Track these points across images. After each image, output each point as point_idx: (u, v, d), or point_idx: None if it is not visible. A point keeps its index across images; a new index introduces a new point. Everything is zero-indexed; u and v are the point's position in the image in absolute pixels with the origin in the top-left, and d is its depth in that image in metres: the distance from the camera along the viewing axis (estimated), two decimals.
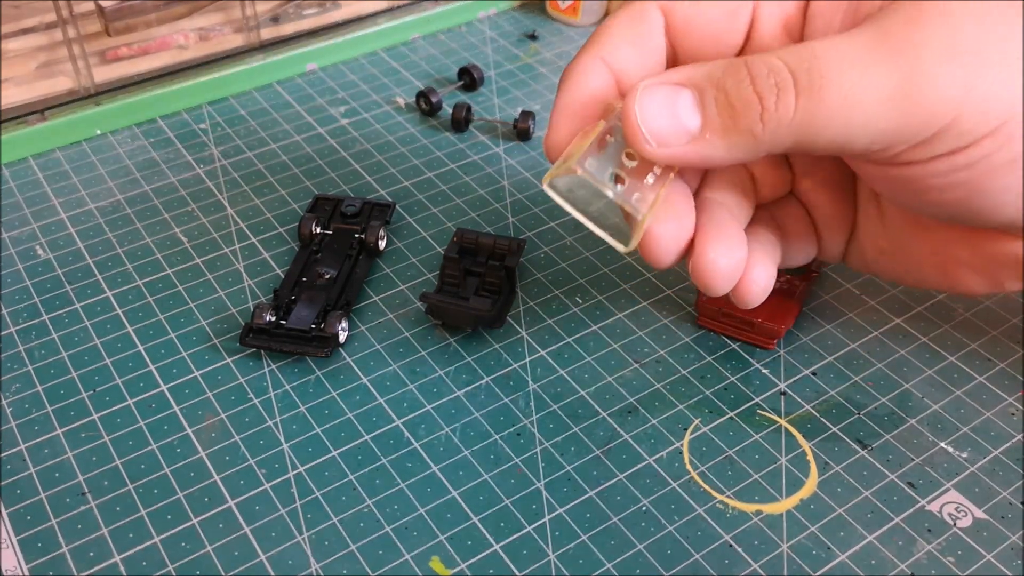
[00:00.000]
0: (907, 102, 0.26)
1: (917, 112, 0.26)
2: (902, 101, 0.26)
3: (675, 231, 0.30)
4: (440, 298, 0.40)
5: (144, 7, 0.51)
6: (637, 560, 0.33)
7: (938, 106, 0.26)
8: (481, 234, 0.42)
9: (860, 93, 0.26)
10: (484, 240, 0.42)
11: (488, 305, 0.40)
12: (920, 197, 0.30)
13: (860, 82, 0.26)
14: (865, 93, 0.26)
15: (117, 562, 0.33)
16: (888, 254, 0.35)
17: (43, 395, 0.38)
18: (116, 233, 0.45)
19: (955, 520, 0.34)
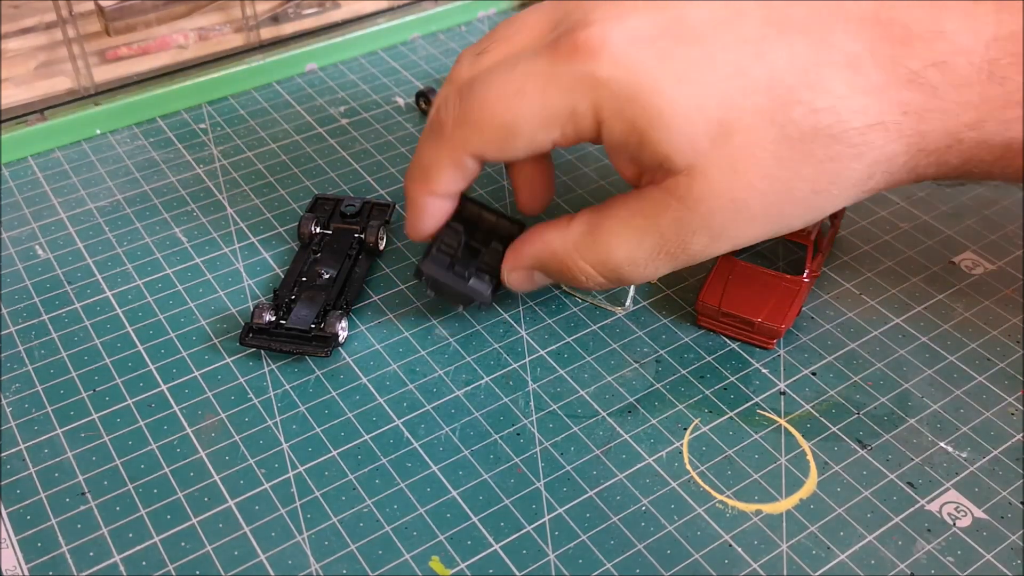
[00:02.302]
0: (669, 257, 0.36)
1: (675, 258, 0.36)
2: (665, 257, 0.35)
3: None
4: (442, 273, 0.39)
5: (144, 7, 0.51)
6: (637, 560, 0.33)
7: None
8: (485, 208, 0.40)
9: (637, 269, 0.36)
10: (487, 216, 0.40)
11: (488, 289, 0.39)
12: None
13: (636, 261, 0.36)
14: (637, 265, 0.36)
15: (117, 562, 0.33)
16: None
17: (43, 395, 0.38)
18: (116, 233, 0.45)
19: (955, 520, 0.34)
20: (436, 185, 0.37)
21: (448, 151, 0.36)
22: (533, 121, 0.34)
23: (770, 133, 0.32)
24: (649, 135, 0.33)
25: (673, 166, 0.33)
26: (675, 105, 0.32)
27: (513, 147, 0.35)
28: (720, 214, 0.33)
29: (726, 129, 0.32)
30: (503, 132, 0.35)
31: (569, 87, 0.33)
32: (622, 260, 0.36)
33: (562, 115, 0.33)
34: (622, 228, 0.35)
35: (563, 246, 0.37)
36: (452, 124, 0.35)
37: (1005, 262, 0.44)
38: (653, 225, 0.34)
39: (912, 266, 0.44)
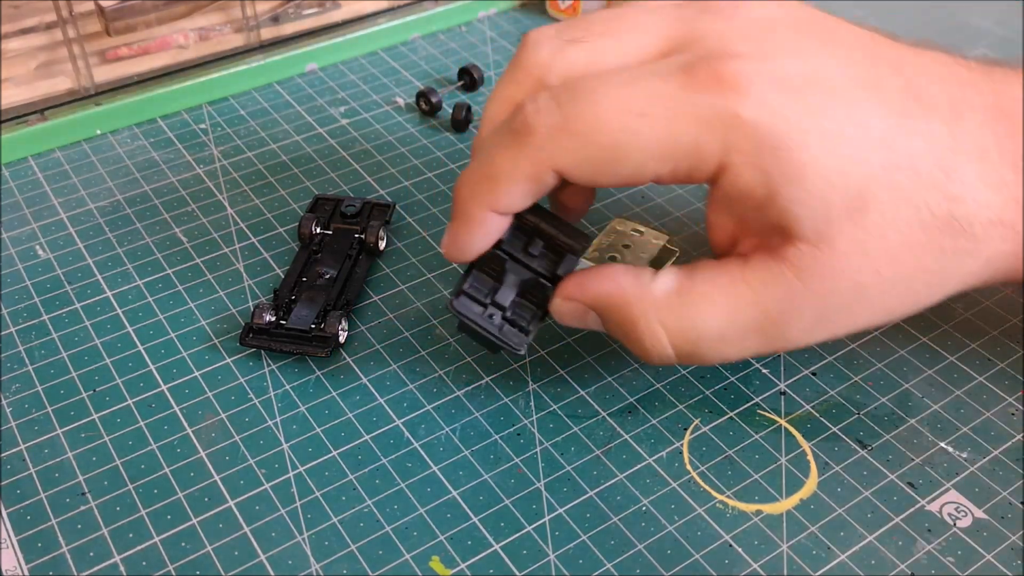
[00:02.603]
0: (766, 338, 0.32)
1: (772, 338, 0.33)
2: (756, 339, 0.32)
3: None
4: (473, 313, 0.35)
5: (144, 7, 0.51)
6: (637, 560, 0.33)
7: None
8: (547, 215, 0.34)
9: (720, 346, 0.32)
10: (546, 228, 0.34)
11: (524, 341, 0.35)
12: None
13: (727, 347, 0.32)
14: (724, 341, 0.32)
15: (117, 562, 0.33)
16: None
17: (43, 395, 0.38)
18: (116, 233, 0.45)
19: (955, 520, 0.34)
20: (503, 199, 0.32)
21: (532, 162, 0.31)
22: (649, 149, 0.30)
23: (905, 215, 0.30)
24: (783, 191, 0.29)
25: (798, 232, 0.30)
26: (819, 164, 0.29)
27: (613, 172, 0.31)
28: (838, 297, 0.31)
29: (863, 203, 0.30)
30: (609, 154, 0.30)
31: (703, 121, 0.29)
32: (710, 332, 0.32)
33: (685, 150, 0.30)
34: (720, 295, 0.31)
35: (640, 299, 0.32)
36: (546, 132, 0.30)
37: None
38: (758, 297, 0.31)
39: None
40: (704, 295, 0.32)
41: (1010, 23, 0.60)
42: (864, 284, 0.30)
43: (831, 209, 0.30)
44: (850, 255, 0.30)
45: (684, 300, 0.32)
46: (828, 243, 0.30)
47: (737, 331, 0.31)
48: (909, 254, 0.31)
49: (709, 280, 0.32)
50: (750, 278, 0.31)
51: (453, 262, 0.35)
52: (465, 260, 0.34)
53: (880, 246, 0.30)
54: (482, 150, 0.33)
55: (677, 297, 0.32)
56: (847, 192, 0.30)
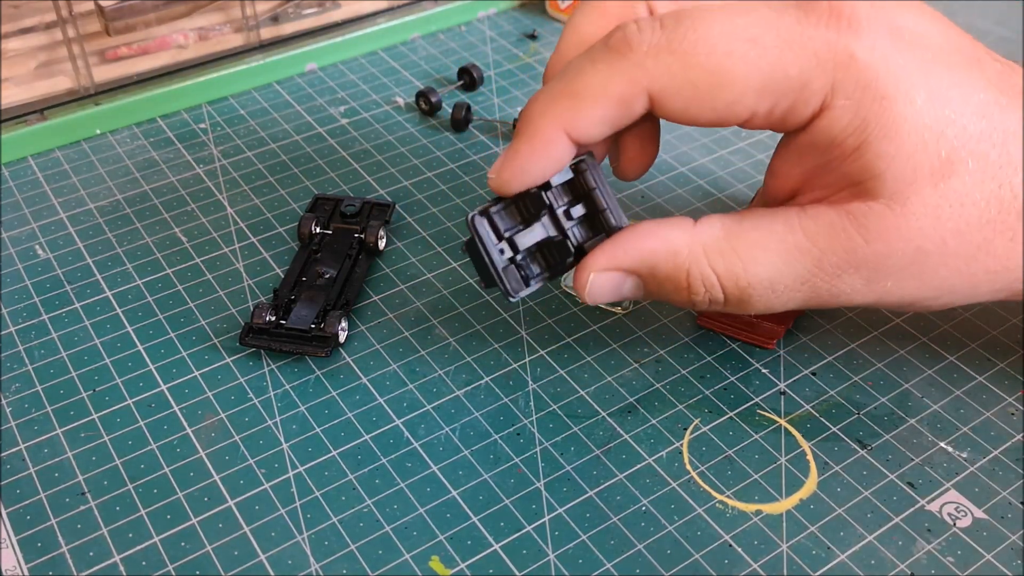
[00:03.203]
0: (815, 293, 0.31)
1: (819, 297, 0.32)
2: (806, 290, 0.31)
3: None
4: (486, 238, 0.33)
5: (144, 7, 0.51)
6: (637, 560, 0.33)
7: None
8: (605, 185, 0.33)
9: (770, 295, 0.31)
10: (598, 198, 0.32)
11: (519, 290, 0.33)
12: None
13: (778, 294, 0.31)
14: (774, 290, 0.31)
15: (117, 562, 0.33)
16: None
17: (43, 395, 0.38)
18: (116, 233, 0.45)
19: (955, 520, 0.34)
20: (583, 121, 0.30)
21: (627, 79, 0.29)
22: (754, 79, 0.29)
23: (987, 189, 0.29)
24: (875, 143, 0.29)
25: (877, 189, 0.29)
26: (918, 122, 0.28)
27: (710, 102, 0.29)
28: (896, 259, 0.30)
29: (951, 168, 0.29)
30: (711, 79, 0.29)
31: (815, 54, 0.28)
32: (760, 279, 0.31)
33: (791, 84, 0.28)
34: (774, 242, 0.30)
35: (689, 246, 0.31)
36: (647, 49, 0.29)
37: None
38: (815, 249, 0.30)
39: None
40: (756, 241, 0.30)
41: (1010, 23, 0.60)
42: (926, 251, 0.30)
43: (917, 170, 0.29)
44: (921, 218, 0.29)
45: (735, 244, 0.31)
46: (902, 203, 0.29)
47: (788, 280, 0.30)
48: (979, 231, 0.30)
49: (762, 227, 0.31)
50: (808, 227, 0.30)
51: (499, 190, 0.32)
52: (513, 189, 0.32)
53: (954, 215, 0.29)
54: (565, 70, 0.31)
55: (727, 241, 0.31)
56: (938, 154, 0.29)
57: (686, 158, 0.50)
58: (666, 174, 0.49)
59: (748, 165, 0.50)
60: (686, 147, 0.51)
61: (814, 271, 0.30)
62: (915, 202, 0.29)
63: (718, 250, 0.31)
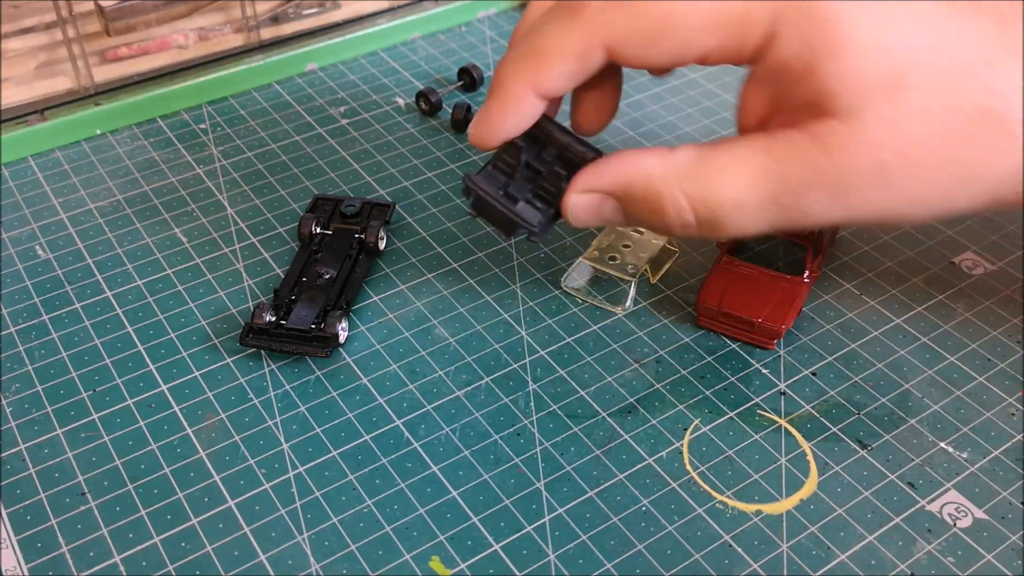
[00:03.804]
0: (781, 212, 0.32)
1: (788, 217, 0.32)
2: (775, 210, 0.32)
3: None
4: (487, 189, 0.35)
5: (144, 7, 0.51)
6: (637, 560, 0.33)
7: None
8: (559, 127, 0.35)
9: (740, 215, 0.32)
10: (559, 137, 0.35)
11: (536, 220, 0.35)
12: None
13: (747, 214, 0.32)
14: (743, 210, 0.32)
15: (117, 562, 0.33)
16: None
17: (43, 395, 0.38)
18: (116, 233, 0.45)
19: (955, 520, 0.34)
20: (547, 78, 0.32)
21: (582, 35, 0.31)
22: (699, 18, 0.30)
23: (943, 100, 0.30)
24: (823, 63, 0.30)
25: (832, 106, 0.30)
26: (864, 40, 0.29)
27: (661, 46, 0.31)
28: (859, 173, 0.31)
29: (902, 83, 0.30)
30: (660, 24, 0.30)
31: None
32: (729, 200, 0.32)
33: (734, 19, 0.30)
34: (741, 165, 0.31)
35: (662, 171, 0.32)
36: (597, 5, 0.31)
37: (1005, 262, 0.44)
38: (779, 168, 0.31)
39: (912, 266, 0.44)
40: (725, 165, 0.32)
41: None
42: (888, 163, 0.30)
43: (868, 86, 0.30)
44: (878, 131, 0.30)
45: (705, 168, 0.32)
46: (858, 118, 0.30)
47: (757, 200, 0.31)
48: (941, 141, 0.30)
49: (731, 150, 0.32)
50: (772, 148, 0.31)
51: (479, 145, 0.34)
52: (491, 144, 0.34)
53: (912, 128, 0.30)
54: (527, 33, 0.33)
55: (697, 166, 0.32)
56: (888, 70, 0.29)
57: None
58: None
59: None
60: None
61: (780, 190, 0.31)
62: (870, 116, 0.30)
63: (689, 174, 0.32)
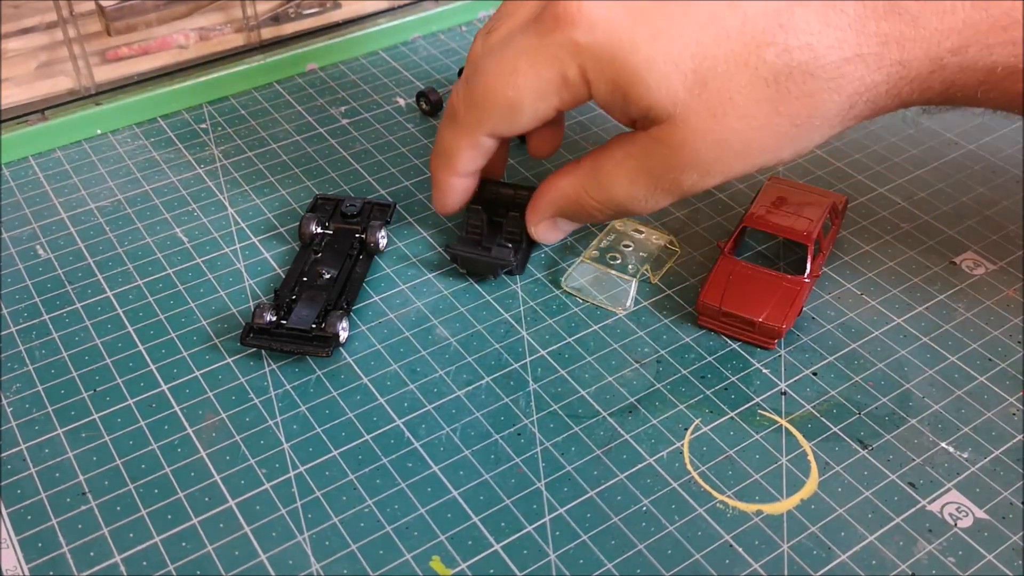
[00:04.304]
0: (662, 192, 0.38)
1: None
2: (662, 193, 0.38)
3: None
4: (465, 250, 0.42)
5: (144, 7, 0.51)
6: (637, 560, 0.33)
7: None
8: (502, 185, 0.44)
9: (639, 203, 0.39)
10: (504, 191, 0.44)
11: (510, 255, 0.42)
12: None
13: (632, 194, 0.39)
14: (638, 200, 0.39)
15: (117, 562, 0.33)
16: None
17: (43, 395, 0.38)
18: (116, 233, 0.45)
19: (956, 520, 0.34)
20: (458, 166, 0.40)
21: (464, 135, 0.39)
22: (532, 94, 0.36)
23: (744, 76, 0.34)
24: (630, 91, 0.35)
25: (657, 116, 0.35)
26: (651, 61, 0.34)
27: (520, 121, 0.38)
28: (705, 153, 0.35)
29: (701, 78, 0.34)
30: (508, 110, 0.37)
31: (556, 57, 0.35)
32: (623, 198, 0.38)
33: (555, 84, 0.36)
34: (618, 170, 0.38)
35: (574, 188, 0.40)
36: (464, 110, 0.38)
37: (1006, 262, 0.44)
38: (644, 167, 0.37)
39: (913, 266, 0.44)
40: (609, 172, 0.38)
41: None
42: (724, 139, 0.35)
43: (673, 92, 0.34)
44: (701, 121, 0.35)
45: (598, 180, 0.39)
46: (681, 118, 0.35)
47: (641, 191, 0.38)
48: (758, 107, 0.34)
49: (610, 158, 0.38)
50: (635, 152, 0.37)
51: (443, 215, 0.44)
52: (449, 214, 0.43)
53: (727, 107, 0.34)
54: (437, 133, 0.41)
55: (592, 177, 0.39)
56: (683, 74, 0.34)
57: None
58: None
59: None
60: None
61: (654, 182, 0.37)
62: (689, 114, 0.34)
63: (590, 185, 0.39)
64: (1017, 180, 0.49)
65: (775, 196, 0.43)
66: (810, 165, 0.50)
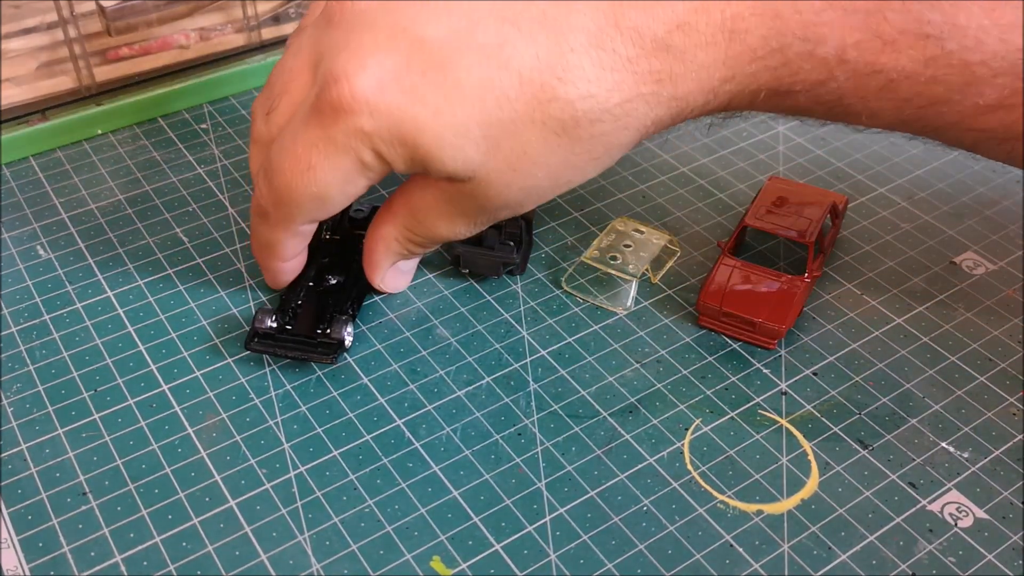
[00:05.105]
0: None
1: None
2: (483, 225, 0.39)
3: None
4: (468, 249, 0.42)
5: (145, 7, 0.51)
6: (638, 560, 0.33)
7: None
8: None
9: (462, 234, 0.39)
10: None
11: (514, 253, 0.42)
12: None
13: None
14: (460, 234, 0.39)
15: (118, 562, 0.33)
16: None
17: (44, 395, 0.38)
18: (117, 233, 0.45)
19: (956, 520, 0.34)
20: (283, 254, 0.40)
21: (280, 229, 0.38)
22: (334, 185, 0.35)
23: (534, 132, 0.34)
24: (428, 166, 0.34)
25: (460, 178, 0.35)
26: (439, 138, 0.33)
27: (333, 207, 0.37)
28: (514, 198, 0.36)
29: (493, 141, 0.34)
30: (317, 202, 0.36)
31: (347, 146, 0.34)
32: (448, 234, 0.39)
33: (356, 169, 0.35)
34: (437, 215, 0.38)
35: (400, 233, 0.39)
36: (272, 208, 0.37)
37: (1006, 262, 0.44)
38: (460, 211, 0.37)
39: (913, 266, 0.44)
40: (427, 215, 0.38)
41: None
42: (529, 185, 0.36)
43: (468, 159, 0.34)
44: (504, 177, 0.35)
45: (419, 222, 0.38)
46: (483, 178, 0.35)
47: (463, 228, 0.38)
48: (554, 155, 0.35)
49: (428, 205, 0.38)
50: (453, 201, 0.37)
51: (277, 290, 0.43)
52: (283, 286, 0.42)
53: (524, 161, 0.34)
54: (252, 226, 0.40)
55: (415, 221, 0.39)
56: (474, 141, 0.34)
57: (687, 158, 0.50)
58: (667, 174, 0.49)
59: (749, 165, 0.50)
60: (687, 147, 0.51)
61: (474, 221, 0.38)
62: (490, 172, 0.35)
63: (413, 227, 0.39)
64: (1017, 180, 0.49)
65: (775, 196, 0.43)
66: (810, 165, 0.50)
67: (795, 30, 0.33)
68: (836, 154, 0.50)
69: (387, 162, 0.35)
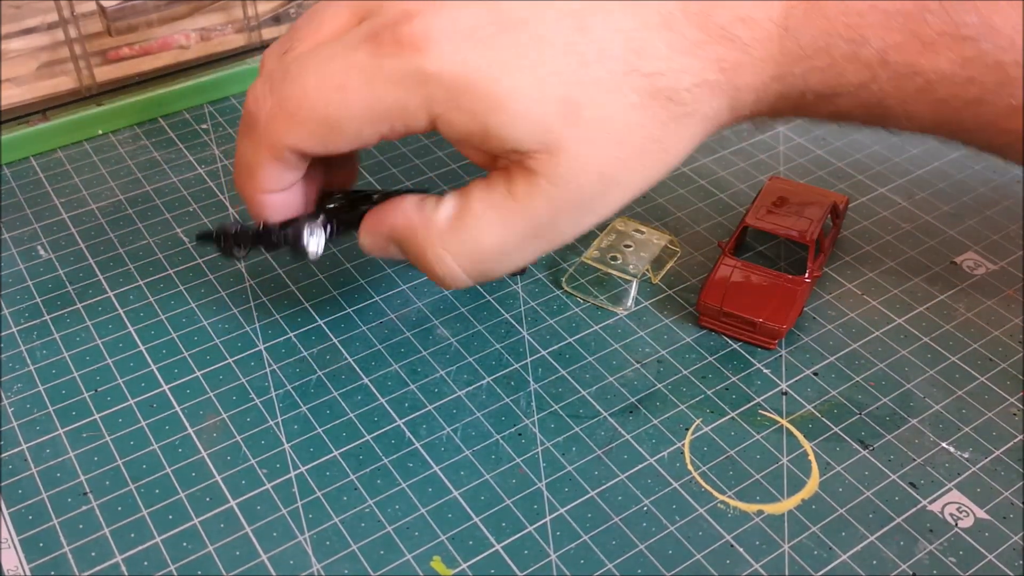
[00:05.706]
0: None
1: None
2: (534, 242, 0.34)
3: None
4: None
5: (146, 7, 0.51)
6: (638, 560, 0.33)
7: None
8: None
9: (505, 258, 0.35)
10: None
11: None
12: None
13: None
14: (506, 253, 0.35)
15: (118, 562, 0.33)
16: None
17: (45, 395, 0.38)
18: (117, 233, 0.46)
19: (956, 520, 0.34)
20: (263, 183, 0.35)
21: (265, 147, 0.34)
22: (360, 118, 0.32)
23: (615, 102, 0.32)
24: (493, 125, 0.32)
25: (526, 148, 0.32)
26: (515, 90, 0.31)
27: (336, 142, 0.33)
28: (590, 187, 0.33)
29: (573, 106, 0.32)
30: (324, 128, 0.33)
31: (398, 82, 0.31)
32: (492, 248, 0.34)
33: (392, 111, 0.32)
34: (493, 213, 0.33)
35: (425, 228, 0.34)
36: (266, 118, 0.33)
37: (1007, 262, 0.44)
38: (525, 207, 0.33)
39: (914, 266, 0.44)
40: (479, 216, 0.34)
41: None
42: (606, 172, 0.33)
43: (546, 122, 0.32)
44: (585, 151, 0.32)
45: (463, 223, 0.34)
46: (563, 149, 0.32)
47: (515, 241, 0.34)
48: (633, 134, 0.33)
49: (482, 199, 0.34)
50: (515, 191, 0.33)
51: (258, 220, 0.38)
52: (273, 219, 0.37)
53: (606, 135, 0.32)
54: (236, 142, 0.36)
55: (457, 222, 0.34)
56: (555, 102, 0.32)
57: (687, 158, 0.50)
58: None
59: (750, 165, 0.50)
60: None
61: (534, 227, 0.34)
62: (569, 143, 0.32)
63: (450, 232, 0.34)
64: (1017, 180, 0.49)
65: (776, 196, 0.43)
66: (810, 165, 0.50)
67: (840, 31, 0.32)
68: (836, 154, 0.50)
69: (431, 116, 0.32)
